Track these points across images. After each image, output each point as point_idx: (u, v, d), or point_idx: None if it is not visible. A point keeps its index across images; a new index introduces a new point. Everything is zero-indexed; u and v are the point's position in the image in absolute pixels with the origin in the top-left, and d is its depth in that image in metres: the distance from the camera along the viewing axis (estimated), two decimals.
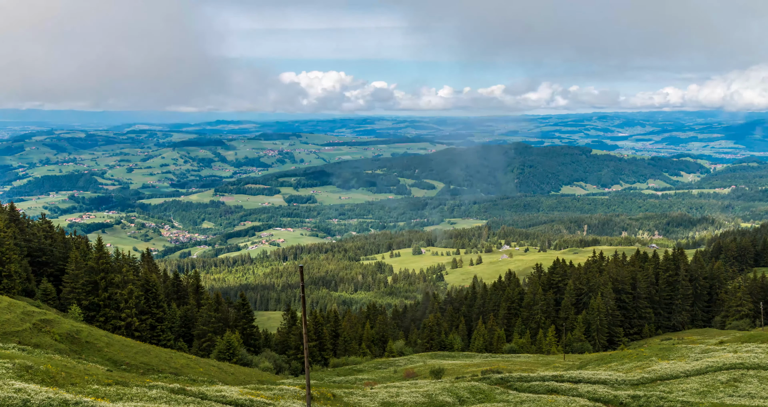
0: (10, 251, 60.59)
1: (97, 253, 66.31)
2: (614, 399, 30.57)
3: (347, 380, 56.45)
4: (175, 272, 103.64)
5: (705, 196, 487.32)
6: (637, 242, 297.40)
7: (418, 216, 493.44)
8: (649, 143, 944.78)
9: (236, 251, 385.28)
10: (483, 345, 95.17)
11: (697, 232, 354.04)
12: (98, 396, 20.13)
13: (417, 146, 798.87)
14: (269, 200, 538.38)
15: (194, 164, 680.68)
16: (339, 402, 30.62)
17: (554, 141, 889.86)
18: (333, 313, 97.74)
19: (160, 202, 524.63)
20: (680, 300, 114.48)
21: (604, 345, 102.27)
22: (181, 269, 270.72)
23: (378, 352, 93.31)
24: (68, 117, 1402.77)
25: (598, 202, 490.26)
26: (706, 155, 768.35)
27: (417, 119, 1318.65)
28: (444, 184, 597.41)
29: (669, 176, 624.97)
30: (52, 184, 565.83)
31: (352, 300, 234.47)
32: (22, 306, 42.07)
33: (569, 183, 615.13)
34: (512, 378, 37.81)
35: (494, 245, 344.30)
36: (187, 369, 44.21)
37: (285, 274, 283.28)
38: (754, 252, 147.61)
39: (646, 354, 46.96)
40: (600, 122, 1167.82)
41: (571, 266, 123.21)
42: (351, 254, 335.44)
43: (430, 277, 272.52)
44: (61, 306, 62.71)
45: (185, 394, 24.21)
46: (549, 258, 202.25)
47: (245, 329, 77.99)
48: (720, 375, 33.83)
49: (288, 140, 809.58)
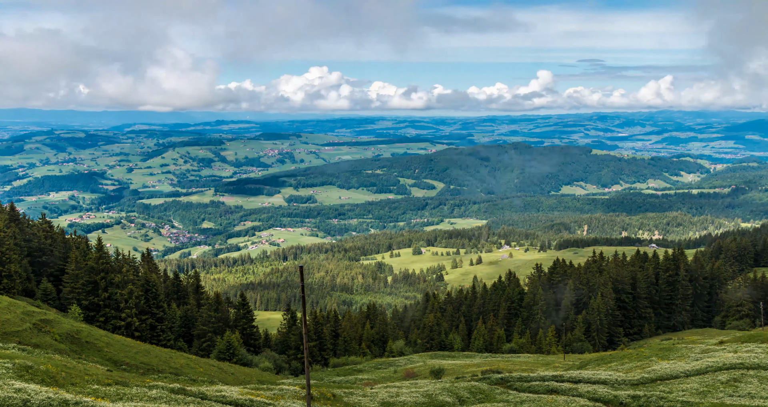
0: (10, 251, 60.60)
1: (97, 253, 66.32)
2: (614, 399, 30.57)
3: (347, 380, 56.45)
4: (175, 272, 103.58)
5: (705, 196, 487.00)
6: (637, 242, 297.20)
7: (418, 216, 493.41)
8: (649, 143, 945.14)
9: (236, 251, 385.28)
10: (483, 345, 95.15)
11: (697, 232, 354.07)
12: (98, 396, 20.13)
13: (417, 146, 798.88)
14: (269, 200, 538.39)
15: (194, 164, 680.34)
16: (339, 402, 30.61)
17: (554, 141, 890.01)
18: (333, 313, 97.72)
19: (160, 202, 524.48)
20: (680, 300, 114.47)
21: (604, 345, 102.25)
22: (181, 269, 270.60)
23: (378, 352, 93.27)
24: (68, 117, 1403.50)
25: (598, 202, 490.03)
26: (706, 155, 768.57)
27: (417, 119, 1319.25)
28: (444, 184, 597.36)
29: (669, 176, 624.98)
30: (52, 184, 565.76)
31: (352, 300, 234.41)
32: (22, 306, 42.07)
33: (569, 183, 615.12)
34: (512, 378, 37.81)
35: (494, 245, 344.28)
36: (187, 369, 44.21)
37: (285, 274, 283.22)
38: (754, 252, 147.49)
39: (646, 354, 46.97)
40: (600, 122, 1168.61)
41: (571, 266, 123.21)
42: (351, 254, 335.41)
43: (430, 277, 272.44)
44: (61, 305, 62.70)
45: (185, 394, 24.22)
46: (549, 258, 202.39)
47: (245, 329, 77.98)
48: (720, 375, 33.82)
49: (288, 140, 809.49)
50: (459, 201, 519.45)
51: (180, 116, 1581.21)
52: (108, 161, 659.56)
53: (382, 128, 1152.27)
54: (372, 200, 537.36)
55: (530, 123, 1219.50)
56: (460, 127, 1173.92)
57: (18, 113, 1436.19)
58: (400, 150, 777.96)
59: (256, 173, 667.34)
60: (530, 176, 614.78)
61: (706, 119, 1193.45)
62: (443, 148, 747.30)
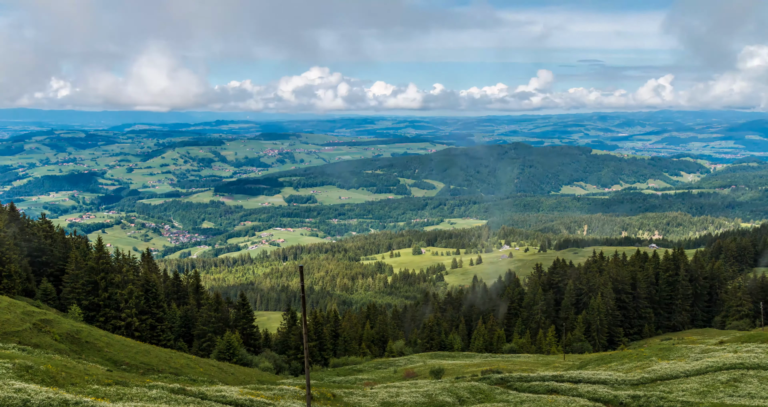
0: (10, 251, 60.60)
1: (97, 253, 66.31)
2: (614, 399, 30.56)
3: (347, 380, 56.44)
4: (175, 272, 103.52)
5: (705, 196, 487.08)
6: (637, 242, 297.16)
7: (418, 216, 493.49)
8: (649, 143, 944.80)
9: (236, 251, 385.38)
10: (483, 345, 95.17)
11: (697, 232, 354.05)
12: (98, 396, 20.13)
13: (417, 146, 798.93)
14: (269, 200, 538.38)
15: (194, 164, 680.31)
16: (339, 402, 30.61)
17: (554, 141, 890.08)
18: (333, 313, 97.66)
19: (160, 202, 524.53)
20: (680, 300, 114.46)
21: (604, 345, 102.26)
22: (181, 269, 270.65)
23: (378, 352, 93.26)
24: (68, 117, 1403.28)
25: (598, 202, 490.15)
26: (706, 155, 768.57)
27: (417, 119, 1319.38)
28: (444, 184, 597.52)
29: (669, 176, 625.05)
30: (52, 184, 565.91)
31: (352, 300, 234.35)
32: (22, 306, 42.07)
33: (569, 183, 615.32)
34: (512, 378, 37.81)
35: (494, 245, 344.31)
36: (187, 369, 44.20)
37: (285, 274, 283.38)
38: (754, 252, 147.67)
39: (646, 354, 46.96)
40: (600, 122, 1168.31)
41: (571, 266, 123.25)
42: (351, 254, 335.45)
43: (430, 277, 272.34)
44: (61, 305, 62.70)
45: (185, 394, 24.21)
46: (549, 258, 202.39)
47: (245, 329, 77.96)
48: (720, 375, 33.82)
49: (288, 140, 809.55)
50: (459, 201, 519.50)
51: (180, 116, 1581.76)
52: (108, 161, 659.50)
53: (382, 128, 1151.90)
54: (372, 200, 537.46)
55: (530, 123, 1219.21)
56: (460, 127, 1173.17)
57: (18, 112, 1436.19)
58: (400, 150, 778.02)
59: (256, 173, 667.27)
60: (530, 176, 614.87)
61: (706, 119, 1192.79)
62: (443, 148, 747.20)
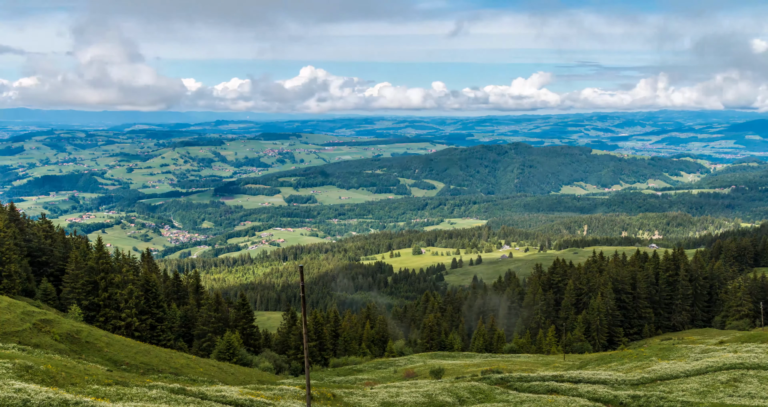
0: (10, 251, 60.57)
1: (97, 253, 66.29)
2: (614, 399, 30.56)
3: (347, 380, 56.42)
4: (175, 272, 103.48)
5: (705, 196, 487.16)
6: (637, 242, 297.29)
7: (418, 216, 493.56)
8: (649, 143, 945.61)
9: (236, 251, 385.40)
10: (483, 345, 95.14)
11: (697, 232, 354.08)
12: (98, 396, 20.12)
13: (417, 146, 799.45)
14: (269, 200, 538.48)
15: (194, 164, 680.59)
16: (339, 402, 30.61)
17: (554, 141, 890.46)
18: (333, 313, 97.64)
19: (160, 202, 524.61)
20: (680, 300, 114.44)
21: (604, 345, 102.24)
22: (181, 269, 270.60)
23: (378, 352, 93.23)
24: (68, 117, 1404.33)
25: (598, 202, 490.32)
26: (706, 155, 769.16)
27: (417, 119, 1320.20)
28: (444, 184, 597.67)
29: (669, 176, 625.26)
30: (52, 184, 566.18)
31: (352, 300, 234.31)
32: (22, 305, 42.06)
33: (569, 183, 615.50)
34: (512, 378, 37.80)
35: (494, 245, 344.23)
36: (187, 369, 44.20)
37: (285, 274, 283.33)
38: (754, 252, 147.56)
39: (646, 354, 46.96)
40: (600, 122, 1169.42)
41: (571, 266, 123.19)
42: (351, 254, 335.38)
43: (430, 277, 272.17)
44: (61, 305, 62.68)
45: (185, 394, 24.21)
46: (549, 258, 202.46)
47: (245, 329, 77.92)
48: (720, 375, 33.81)
49: (288, 140, 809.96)
50: (459, 201, 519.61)
51: (180, 116, 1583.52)
52: (108, 161, 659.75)
53: (382, 128, 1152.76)
54: (372, 200, 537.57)
55: (530, 123, 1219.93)
56: (460, 127, 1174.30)
57: (18, 113, 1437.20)
58: (400, 150, 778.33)
59: (256, 173, 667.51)
60: (530, 176, 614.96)
61: (706, 119, 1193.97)
62: (443, 148, 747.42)
